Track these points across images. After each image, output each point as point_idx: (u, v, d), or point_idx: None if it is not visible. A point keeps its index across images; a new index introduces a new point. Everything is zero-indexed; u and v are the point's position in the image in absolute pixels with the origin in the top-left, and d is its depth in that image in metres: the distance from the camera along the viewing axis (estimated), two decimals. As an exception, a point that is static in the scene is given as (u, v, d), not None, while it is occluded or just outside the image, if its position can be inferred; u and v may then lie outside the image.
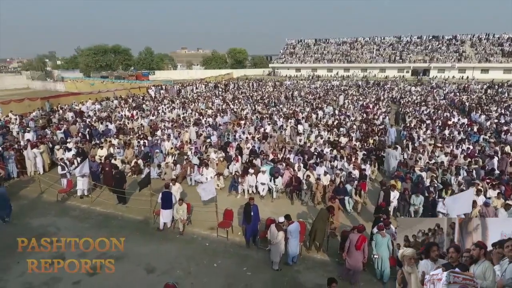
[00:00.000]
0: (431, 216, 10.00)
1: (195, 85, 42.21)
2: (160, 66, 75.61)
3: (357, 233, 7.38)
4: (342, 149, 14.91)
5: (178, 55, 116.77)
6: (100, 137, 17.60)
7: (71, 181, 12.07)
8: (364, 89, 41.90)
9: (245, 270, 7.94)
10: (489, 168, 12.69)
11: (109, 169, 12.40)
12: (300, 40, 76.85)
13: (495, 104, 28.58)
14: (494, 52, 61.73)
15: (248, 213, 8.66)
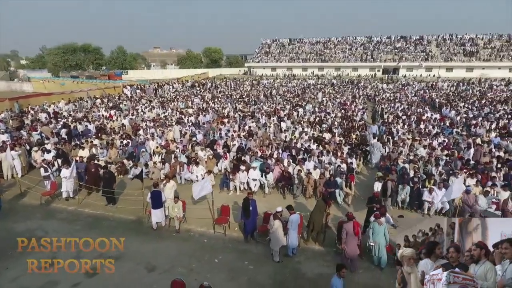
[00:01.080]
0: (417, 205, 10.58)
1: (172, 84, 41.49)
2: (133, 65, 73.52)
3: (348, 221, 7.70)
4: (327, 145, 15.30)
5: (151, 55, 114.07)
6: (80, 137, 16.95)
7: (55, 183, 11.59)
8: (339, 87, 42.98)
9: (247, 264, 8.01)
10: (465, 159, 13.51)
11: (95, 170, 12.00)
12: (275, 40, 77.43)
13: (461, 100, 30.32)
14: (457, 52, 65.25)
15: (247, 208, 8.73)
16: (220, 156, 14.22)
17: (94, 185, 11.49)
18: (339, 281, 5.56)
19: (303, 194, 11.79)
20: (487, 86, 42.77)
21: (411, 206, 10.62)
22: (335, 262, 7.94)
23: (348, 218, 7.81)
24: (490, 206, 9.74)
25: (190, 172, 12.94)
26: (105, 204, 11.10)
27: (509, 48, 63.22)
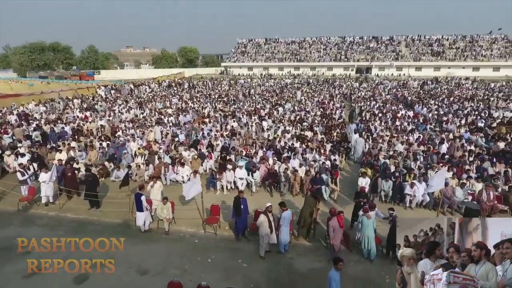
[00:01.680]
0: (399, 198, 11.01)
1: (148, 84, 40.61)
2: (105, 65, 71.13)
3: (332, 217, 7.93)
4: (309, 142, 15.58)
5: (123, 54, 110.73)
6: (56, 140, 16.26)
7: (33, 188, 11.08)
8: (316, 87, 43.75)
9: (240, 262, 8.04)
10: (440, 153, 14.19)
11: (71, 174, 11.61)
12: (251, 40, 77.60)
13: (432, 98, 31.76)
14: (425, 52, 68.22)
15: (238, 207, 8.76)
16: (204, 156, 14.12)
17: (72, 189, 11.12)
18: (336, 274, 5.72)
19: (290, 192, 11.95)
20: (454, 84, 45.06)
21: (394, 199, 11.03)
22: (326, 257, 8.22)
23: (331, 214, 8.03)
24: (467, 197, 10.31)
25: (175, 173, 12.78)
26: (88, 208, 10.74)
27: (472, 49, 66.89)
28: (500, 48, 65.61)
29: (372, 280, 7.40)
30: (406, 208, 10.75)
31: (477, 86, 42.26)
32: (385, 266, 7.86)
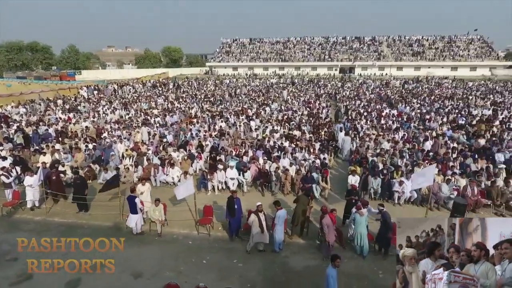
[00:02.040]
0: (388, 195, 11.27)
1: (132, 84, 39.90)
2: (86, 65, 69.37)
3: (324, 214, 8.10)
4: (298, 142, 15.71)
5: (105, 54, 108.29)
6: (39, 142, 15.78)
7: (18, 192, 10.72)
8: (301, 86, 44.08)
9: (236, 262, 8.04)
10: (425, 151, 14.60)
11: (56, 178, 11.28)
12: (235, 39, 77.41)
13: (414, 97, 32.57)
14: (406, 52, 69.89)
15: (231, 207, 8.76)
16: (194, 157, 14.03)
17: (58, 193, 10.83)
18: (334, 271, 5.81)
19: (281, 191, 12.02)
20: (434, 83, 46.37)
21: (383, 196, 11.28)
22: (319, 254, 8.32)
23: (323, 212, 8.18)
24: (452, 192, 10.65)
25: (165, 174, 12.63)
26: (77, 211, 10.48)
27: (450, 49, 69.02)
28: (476, 49, 67.94)
29: (366, 276, 7.55)
30: (395, 205, 11.01)
31: (456, 85, 43.64)
32: (378, 261, 8.04)
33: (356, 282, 7.31)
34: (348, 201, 9.67)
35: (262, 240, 8.34)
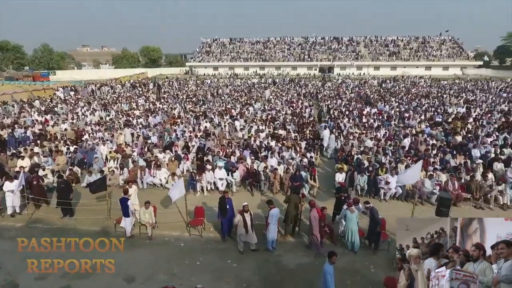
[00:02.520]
0: (374, 192, 11.58)
1: (111, 85, 38.89)
2: (61, 65, 66.89)
3: (312, 208, 8.28)
4: (284, 141, 15.85)
5: (80, 54, 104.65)
6: (15, 146, 15.12)
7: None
8: (283, 86, 44.42)
9: (230, 263, 8.04)
10: (406, 148, 15.07)
11: (37, 183, 10.83)
12: (215, 39, 76.98)
13: (392, 96, 33.54)
14: (382, 52, 71.80)
15: (223, 207, 8.74)
16: (181, 158, 13.88)
17: (40, 198, 10.44)
18: (330, 268, 5.93)
19: (270, 190, 12.10)
20: (410, 82, 47.91)
21: (369, 193, 11.58)
22: (312, 251, 8.45)
23: (311, 206, 8.35)
24: (435, 187, 11.08)
25: (152, 176, 12.43)
26: (61, 216, 10.14)
27: (424, 49, 71.53)
28: (448, 49, 70.75)
29: (358, 271, 7.74)
30: (381, 201, 11.33)
31: (431, 84, 45.29)
32: (368, 256, 8.26)
33: (349, 277, 7.48)
34: (337, 198, 9.87)
35: (248, 240, 8.38)
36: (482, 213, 10.54)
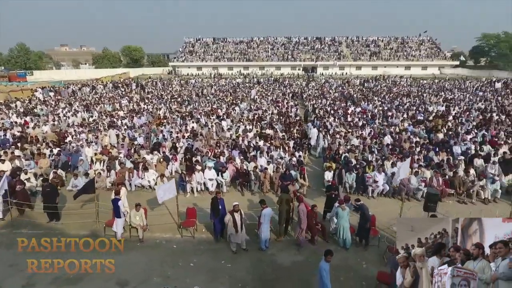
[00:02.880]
0: (362, 189, 11.81)
1: (92, 85, 37.96)
2: (39, 65, 64.68)
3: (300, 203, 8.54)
4: (272, 141, 15.93)
5: (58, 53, 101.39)
6: (-5, 149, 14.54)
7: (-22, 203, 9.81)
8: (268, 86, 44.53)
9: (224, 263, 8.03)
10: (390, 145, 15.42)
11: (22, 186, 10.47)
12: (198, 39, 76.43)
13: (374, 95, 34.22)
14: (364, 52, 73.21)
15: (216, 207, 8.71)
16: (169, 159, 13.73)
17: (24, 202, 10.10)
18: (326, 265, 6.03)
19: (261, 190, 12.13)
20: (391, 82, 49.03)
21: (357, 190, 11.80)
22: (306, 249, 8.56)
23: (299, 201, 8.61)
24: (420, 184, 11.42)
25: (140, 178, 12.24)
26: (47, 221, 9.84)
27: (403, 49, 73.40)
28: (426, 49, 72.90)
29: (351, 267, 7.89)
30: (369, 198, 11.57)
31: (411, 83, 46.52)
32: (360, 253, 8.44)
33: (343, 274, 7.61)
34: (328, 196, 10.02)
35: (237, 241, 8.40)
36: (466, 208, 10.94)
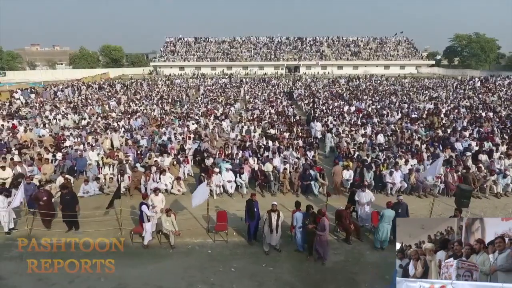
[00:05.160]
0: (381, 187, 11.97)
1: (74, 86, 36.40)
2: (12, 65, 61.19)
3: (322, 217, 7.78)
4: (281, 141, 15.86)
5: (29, 53, 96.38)
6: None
7: (-11, 214, 9.10)
8: (255, 86, 44.39)
9: (265, 267, 7.86)
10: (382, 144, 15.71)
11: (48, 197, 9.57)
12: (179, 38, 75.11)
13: (363, 94, 34.84)
14: (345, 52, 74.67)
15: (252, 210, 8.53)
16: (180, 161, 13.34)
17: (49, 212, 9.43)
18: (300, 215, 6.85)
19: (280, 191, 12.02)
20: (374, 81, 50.19)
21: (376, 188, 11.93)
22: (342, 249, 8.54)
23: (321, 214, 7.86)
24: (436, 180, 11.70)
25: (156, 182, 11.80)
26: (66, 230, 9.27)
27: (382, 49, 75.51)
28: (404, 49, 75.39)
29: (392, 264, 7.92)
30: (388, 195, 11.74)
31: (394, 82, 47.89)
32: (396, 250, 8.49)
33: (387, 272, 7.63)
34: (351, 192, 10.04)
35: (271, 241, 8.28)
36: (480, 202, 11.32)
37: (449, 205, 10.55)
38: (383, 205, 10.63)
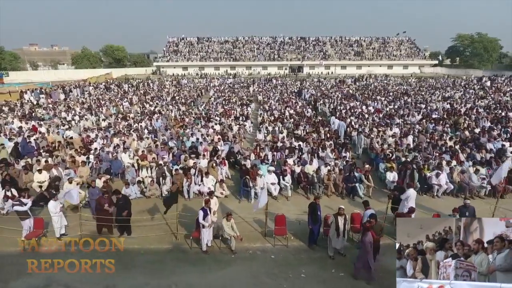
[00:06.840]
0: (426, 188, 11.80)
1: (82, 87, 35.92)
2: (14, 65, 60.34)
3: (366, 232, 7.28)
4: (314, 142, 15.64)
5: (27, 53, 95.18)
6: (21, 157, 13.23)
7: (40, 219, 8.79)
8: (264, 85, 44.18)
9: (335, 272, 7.65)
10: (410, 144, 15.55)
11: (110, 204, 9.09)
12: (182, 38, 74.66)
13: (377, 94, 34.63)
14: (348, 52, 74.72)
15: (315, 213, 8.32)
16: (217, 163, 13.08)
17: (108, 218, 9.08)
18: None
19: (324, 193, 11.80)
20: (379, 81, 50.20)
21: (421, 190, 11.75)
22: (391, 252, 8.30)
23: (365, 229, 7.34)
24: (482, 182, 11.57)
25: (198, 184, 11.55)
26: (118, 235, 8.99)
27: (385, 49, 75.67)
28: (406, 49, 75.61)
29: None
30: (434, 197, 11.58)
31: (401, 82, 47.95)
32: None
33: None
34: (394, 196, 9.78)
35: (336, 246, 8.09)
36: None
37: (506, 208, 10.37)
38: (428, 207, 10.63)
